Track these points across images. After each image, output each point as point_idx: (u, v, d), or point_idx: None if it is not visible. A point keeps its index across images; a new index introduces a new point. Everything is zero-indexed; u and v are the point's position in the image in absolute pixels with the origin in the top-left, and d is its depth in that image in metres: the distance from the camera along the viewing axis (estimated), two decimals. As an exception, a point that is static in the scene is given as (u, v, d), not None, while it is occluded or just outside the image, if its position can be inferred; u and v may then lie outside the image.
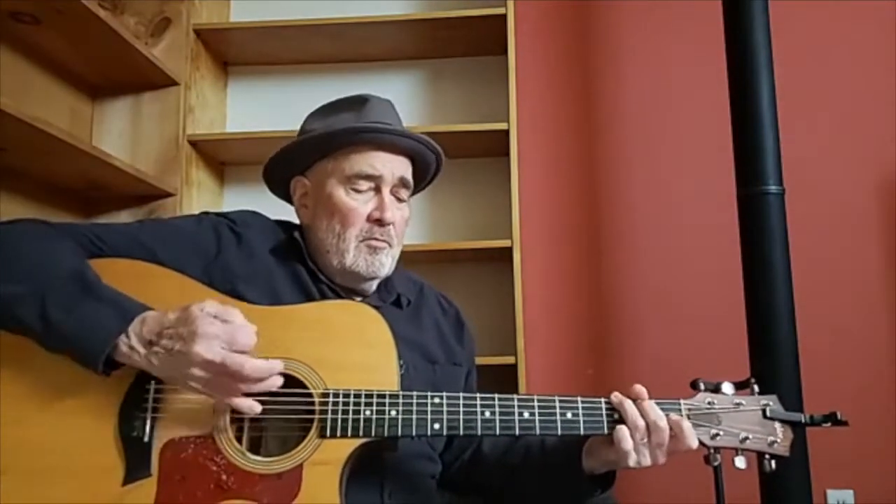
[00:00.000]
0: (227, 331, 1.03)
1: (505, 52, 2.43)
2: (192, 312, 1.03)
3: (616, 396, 1.14)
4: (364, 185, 1.28)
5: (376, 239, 1.28)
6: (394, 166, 1.30)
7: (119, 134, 2.43)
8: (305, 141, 1.32)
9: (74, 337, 1.03)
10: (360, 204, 1.28)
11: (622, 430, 1.10)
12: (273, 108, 2.73)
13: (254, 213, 1.35)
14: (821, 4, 2.53)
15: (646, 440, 1.11)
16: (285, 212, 1.41)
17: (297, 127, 1.39)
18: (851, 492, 2.28)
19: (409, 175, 1.33)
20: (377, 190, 1.29)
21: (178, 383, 1.05)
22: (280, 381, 1.06)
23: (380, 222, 1.28)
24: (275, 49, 2.67)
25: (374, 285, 1.33)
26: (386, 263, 1.30)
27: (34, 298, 1.04)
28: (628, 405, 1.12)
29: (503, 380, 2.23)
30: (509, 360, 2.24)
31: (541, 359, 2.43)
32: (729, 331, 2.13)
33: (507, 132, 2.37)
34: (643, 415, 1.11)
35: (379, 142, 1.29)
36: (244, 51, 2.70)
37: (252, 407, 1.05)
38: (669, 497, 2.24)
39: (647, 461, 1.12)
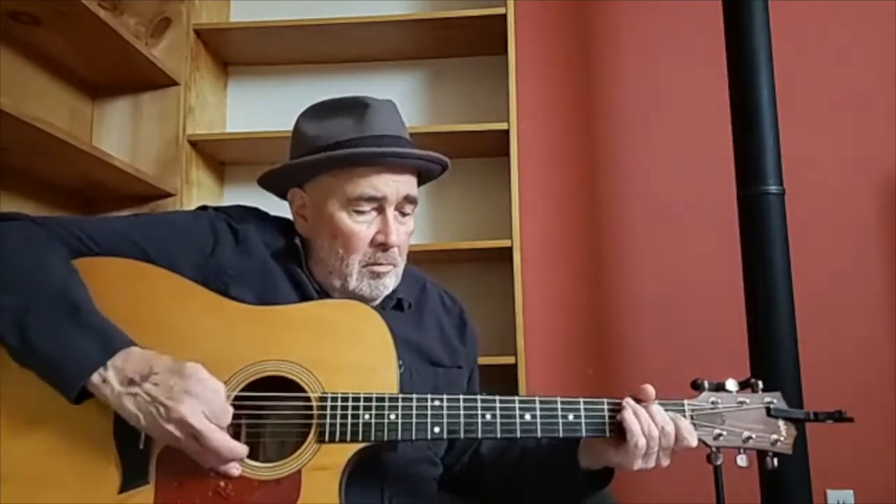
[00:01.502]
0: (213, 402, 1.02)
1: (505, 52, 2.42)
2: (186, 369, 1.02)
3: (628, 405, 1.12)
4: (367, 206, 1.23)
5: (380, 264, 1.25)
6: (398, 185, 1.24)
7: (119, 134, 2.43)
8: (303, 162, 1.26)
9: (53, 361, 1.01)
10: (363, 227, 1.23)
11: (636, 434, 1.09)
12: (273, 108, 2.72)
13: (254, 208, 1.33)
14: (821, 4, 2.52)
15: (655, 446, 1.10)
16: (286, 211, 1.39)
17: (298, 128, 1.37)
18: (851, 492, 2.28)
19: (414, 191, 1.28)
20: (380, 210, 1.24)
21: (146, 430, 1.03)
22: (238, 470, 1.05)
23: (384, 246, 1.24)
24: (275, 49, 2.67)
25: (376, 302, 1.29)
26: (390, 285, 1.27)
27: (15, 312, 1.02)
28: (641, 413, 1.11)
29: (503, 380, 2.23)
30: (509, 360, 2.24)
31: (541, 359, 2.43)
32: (729, 331, 2.13)
33: (507, 132, 2.36)
34: (654, 421, 1.10)
35: (383, 163, 1.23)
36: (244, 51, 2.70)
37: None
38: (669, 496, 2.24)
39: (652, 464, 1.12)
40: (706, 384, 1.17)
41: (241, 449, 1.04)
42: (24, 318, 1.02)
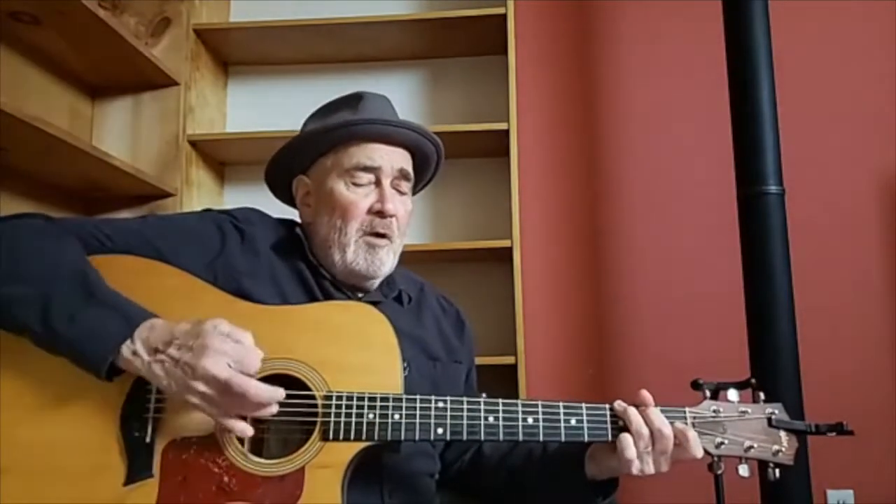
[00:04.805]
0: (236, 350, 1.02)
1: (505, 52, 2.43)
2: (205, 327, 1.03)
3: (619, 405, 1.12)
4: (364, 177, 1.28)
5: (377, 233, 1.27)
6: (392, 158, 1.30)
7: (119, 134, 2.43)
8: (304, 138, 1.32)
9: (78, 342, 1.03)
10: (360, 197, 1.28)
11: (626, 438, 1.09)
12: (273, 108, 2.73)
13: (256, 210, 1.35)
14: (821, 4, 2.53)
15: (650, 448, 1.10)
16: (286, 211, 1.41)
17: (297, 127, 1.39)
18: (851, 492, 2.28)
19: (409, 167, 1.33)
20: (377, 183, 1.29)
21: (178, 395, 1.04)
22: (276, 408, 1.06)
23: (381, 214, 1.27)
24: (275, 49, 2.67)
25: (375, 283, 1.32)
26: (387, 262, 1.29)
27: (37, 301, 1.04)
28: (632, 413, 1.11)
29: (503, 380, 2.23)
30: (509, 360, 2.24)
31: (541, 359, 2.43)
32: (729, 331, 2.13)
33: (507, 132, 2.37)
34: (647, 422, 1.10)
35: (375, 133, 1.28)
36: (244, 51, 2.70)
37: (245, 430, 1.04)
38: (669, 499, 2.24)
39: (650, 469, 1.11)
40: (704, 385, 1.17)
41: (275, 392, 1.04)
42: (46, 305, 1.03)
